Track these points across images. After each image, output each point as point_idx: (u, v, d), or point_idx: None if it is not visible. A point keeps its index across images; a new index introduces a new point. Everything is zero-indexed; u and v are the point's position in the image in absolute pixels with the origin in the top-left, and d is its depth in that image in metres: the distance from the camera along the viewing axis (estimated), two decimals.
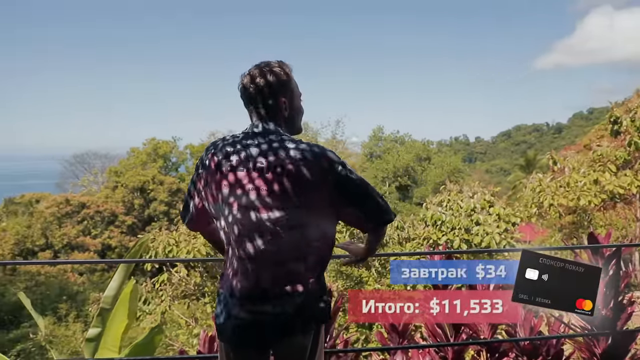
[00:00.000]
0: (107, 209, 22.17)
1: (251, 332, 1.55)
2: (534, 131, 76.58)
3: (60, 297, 14.54)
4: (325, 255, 1.60)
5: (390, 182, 30.06)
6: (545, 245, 11.27)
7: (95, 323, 3.51)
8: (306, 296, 1.53)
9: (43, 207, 21.20)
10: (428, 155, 32.53)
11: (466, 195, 9.18)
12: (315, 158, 1.52)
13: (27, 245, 18.56)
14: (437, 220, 8.86)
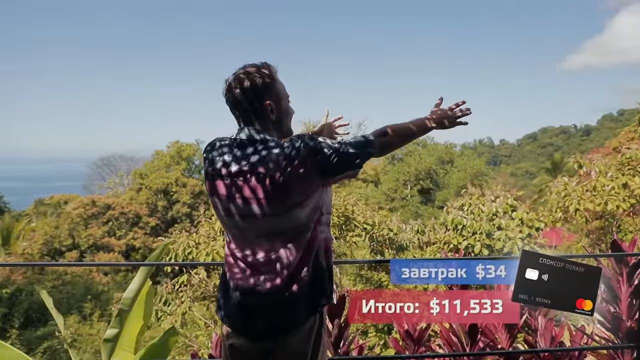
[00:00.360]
0: (132, 211, 22.60)
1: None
2: (561, 133, 74.78)
3: (85, 297, 14.89)
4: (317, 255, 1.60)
5: (412, 185, 29.76)
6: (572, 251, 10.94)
7: (114, 324, 3.56)
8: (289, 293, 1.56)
9: (70, 208, 21.76)
10: (451, 158, 32.08)
11: (488, 199, 8.99)
12: (296, 155, 1.49)
13: (55, 245, 19.08)
14: (457, 224, 8.70)
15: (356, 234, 8.61)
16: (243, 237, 1.57)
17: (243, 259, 1.58)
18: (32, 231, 20.91)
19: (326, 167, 1.51)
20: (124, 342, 3.81)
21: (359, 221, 8.89)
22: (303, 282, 1.57)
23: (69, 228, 19.58)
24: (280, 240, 1.54)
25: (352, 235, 8.56)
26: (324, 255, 1.65)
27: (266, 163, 1.49)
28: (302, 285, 1.56)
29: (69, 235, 19.40)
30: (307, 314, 1.60)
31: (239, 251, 1.59)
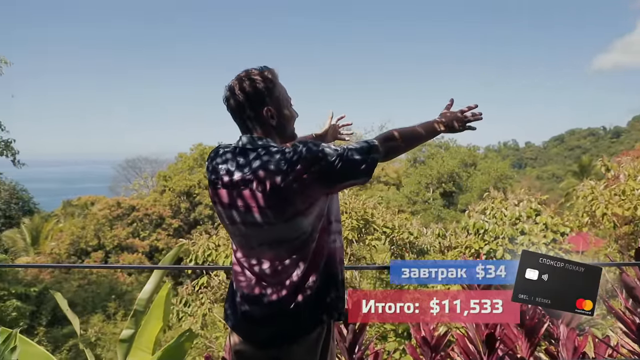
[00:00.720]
0: (155, 212, 22.98)
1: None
2: (590, 135, 72.77)
3: (110, 296, 15.21)
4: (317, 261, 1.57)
5: (434, 188, 29.41)
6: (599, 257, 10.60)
7: (129, 324, 3.60)
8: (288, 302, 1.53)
9: (96, 209, 22.27)
10: (474, 160, 31.57)
11: (511, 203, 8.80)
12: (298, 162, 1.44)
13: (81, 245, 19.57)
14: (479, 228, 8.54)
15: (375, 237, 8.55)
16: (247, 245, 1.56)
17: (249, 267, 1.57)
18: (60, 231, 21.49)
19: (330, 174, 1.46)
20: (142, 342, 3.85)
21: (378, 224, 8.82)
22: (309, 292, 1.53)
23: (95, 229, 20.05)
24: (284, 249, 1.51)
25: (371, 239, 8.50)
26: (333, 265, 1.60)
27: (267, 170, 1.45)
28: (308, 295, 1.52)
29: (95, 236, 19.86)
30: (313, 324, 1.56)
31: (244, 259, 1.58)
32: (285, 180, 1.43)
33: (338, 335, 2.97)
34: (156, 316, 3.86)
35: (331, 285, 1.58)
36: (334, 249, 1.60)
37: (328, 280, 1.57)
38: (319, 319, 1.56)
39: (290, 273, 1.51)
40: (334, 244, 1.60)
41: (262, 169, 1.46)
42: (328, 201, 1.56)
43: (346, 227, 8.36)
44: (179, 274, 17.39)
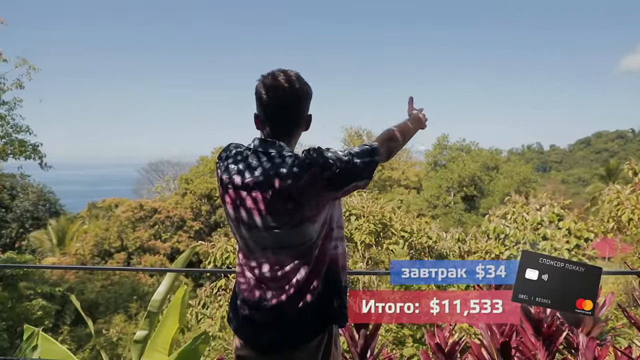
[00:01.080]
0: (177, 215, 23.31)
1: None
2: (618, 138, 70.74)
3: (131, 297, 15.46)
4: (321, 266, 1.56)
5: (455, 192, 29.05)
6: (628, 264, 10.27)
7: (143, 326, 3.66)
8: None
9: (120, 211, 22.70)
10: (496, 164, 31.06)
11: (533, 208, 8.61)
12: (309, 169, 1.44)
13: (105, 246, 19.98)
14: (500, 233, 8.39)
15: (393, 241, 8.48)
16: (251, 248, 1.55)
17: (250, 270, 1.56)
18: (85, 233, 21.99)
19: (338, 179, 1.47)
20: (159, 343, 3.90)
21: (396, 228, 8.74)
22: (311, 298, 1.52)
23: (118, 230, 20.44)
24: (288, 255, 1.50)
25: (388, 243, 8.44)
26: (335, 271, 1.59)
27: (279, 174, 1.45)
28: (309, 301, 1.51)
29: (118, 237, 20.25)
30: (315, 331, 1.55)
31: (247, 263, 1.58)
32: (297, 186, 1.43)
33: (349, 339, 2.95)
34: (172, 317, 3.91)
35: (333, 291, 1.57)
36: (335, 255, 1.59)
37: (330, 286, 1.56)
38: (321, 325, 1.56)
39: (291, 278, 1.51)
40: (335, 250, 1.59)
41: (274, 173, 1.45)
42: (331, 207, 1.55)
43: (363, 231, 8.32)
44: (199, 276, 17.58)
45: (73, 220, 23.95)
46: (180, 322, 3.97)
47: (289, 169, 1.44)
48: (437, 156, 33.66)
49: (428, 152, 34.31)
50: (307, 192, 1.43)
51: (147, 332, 3.59)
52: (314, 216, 1.47)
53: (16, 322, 10.10)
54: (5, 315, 10.29)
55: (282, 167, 1.45)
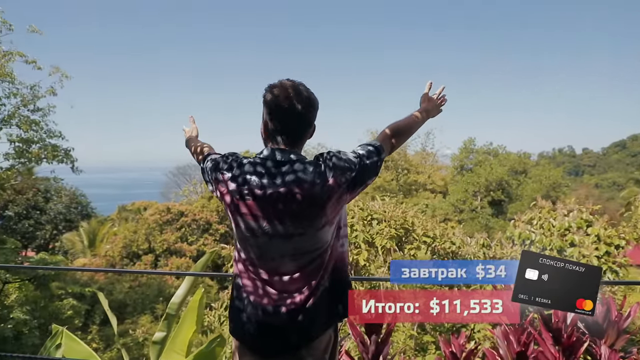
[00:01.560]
0: (203, 218, 23.66)
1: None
2: None
3: (158, 298, 15.78)
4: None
5: (482, 196, 28.49)
6: None
7: (161, 327, 3.73)
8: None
9: (148, 214, 23.22)
10: (524, 168, 30.31)
11: (560, 213, 8.37)
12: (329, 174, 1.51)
13: (133, 248, 20.45)
14: (525, 239, 8.18)
15: (415, 246, 8.38)
16: (265, 256, 1.56)
17: (262, 278, 1.57)
18: (115, 235, 22.59)
19: (355, 181, 1.54)
20: (177, 344, 3.97)
21: (418, 233, 8.64)
22: (321, 298, 1.56)
23: (146, 233, 20.89)
24: (305, 260, 1.54)
25: (410, 248, 8.35)
26: (342, 269, 1.65)
27: (302, 182, 1.49)
28: (319, 302, 1.56)
29: (146, 240, 20.69)
30: (322, 329, 1.59)
31: (256, 270, 1.58)
32: (321, 191, 1.48)
33: (361, 345, 2.94)
34: (190, 320, 3.98)
35: (340, 288, 1.62)
36: (342, 253, 1.64)
37: (337, 283, 1.62)
38: (330, 322, 1.61)
39: (307, 282, 1.55)
40: (342, 248, 1.65)
41: (298, 181, 1.49)
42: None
43: (384, 235, 8.27)
44: (223, 278, 17.80)
45: (103, 222, 24.65)
46: (197, 325, 4.03)
47: (311, 176, 1.49)
48: (464, 160, 33.11)
49: (454, 155, 33.82)
50: (331, 196, 1.49)
51: (165, 334, 3.66)
52: (333, 218, 1.54)
53: (47, 321, 10.44)
54: (38, 314, 10.66)
55: (304, 174, 1.49)
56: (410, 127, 1.81)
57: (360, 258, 7.73)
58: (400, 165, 29.09)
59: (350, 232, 8.38)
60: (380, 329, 2.95)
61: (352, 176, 1.52)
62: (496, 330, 3.17)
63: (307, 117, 1.58)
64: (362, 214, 8.81)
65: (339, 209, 1.55)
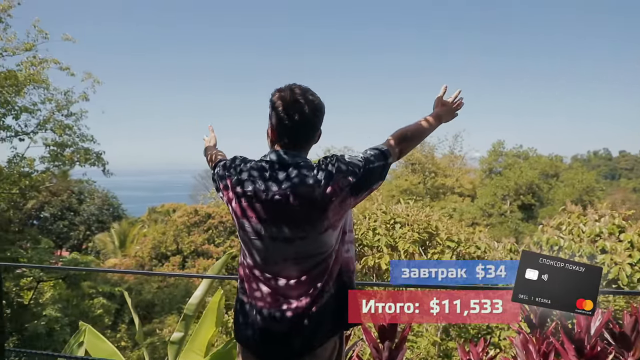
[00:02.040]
0: (229, 220, 23.94)
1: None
2: None
3: (185, 299, 16.05)
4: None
5: (512, 200, 27.81)
6: None
7: (179, 328, 3.80)
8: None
9: (176, 216, 23.69)
10: (556, 171, 29.44)
11: (591, 218, 8.08)
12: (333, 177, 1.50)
13: (162, 250, 20.89)
14: (553, 245, 7.94)
15: (438, 250, 8.25)
16: (269, 260, 1.56)
17: (266, 282, 1.57)
18: (144, 236, 23.14)
19: (359, 185, 1.52)
20: (196, 345, 4.04)
21: (441, 238, 8.51)
22: (326, 304, 1.55)
23: (174, 234, 21.31)
24: (308, 264, 1.54)
25: (433, 252, 8.23)
26: (347, 274, 1.63)
27: (306, 185, 1.49)
28: (324, 308, 1.55)
29: (174, 241, 21.11)
30: (327, 336, 1.58)
31: (262, 274, 1.58)
32: (325, 194, 1.48)
33: (374, 350, 2.91)
34: (209, 321, 4.03)
35: (346, 295, 1.60)
36: (347, 259, 1.63)
37: (342, 290, 1.60)
38: (336, 329, 1.60)
39: (311, 286, 1.54)
40: (347, 254, 1.63)
41: (301, 184, 1.49)
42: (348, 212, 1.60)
43: (407, 239, 8.17)
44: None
45: (134, 223, 25.30)
46: (217, 326, 4.09)
47: (315, 179, 1.49)
48: (493, 163, 32.44)
49: (483, 158, 33.17)
50: (334, 199, 1.48)
51: (182, 334, 3.73)
52: (336, 222, 1.53)
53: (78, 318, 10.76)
54: (69, 311, 11.02)
55: (306, 177, 1.50)
56: (421, 133, 1.77)
57: (382, 262, 7.66)
58: (427, 168, 28.73)
59: (372, 236, 8.31)
60: (395, 334, 2.92)
61: (356, 180, 1.51)
62: (515, 339, 3.09)
63: (312, 121, 1.58)
64: (385, 218, 8.74)
65: (343, 212, 1.53)
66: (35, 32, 11.49)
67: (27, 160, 11.95)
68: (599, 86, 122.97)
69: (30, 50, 11.42)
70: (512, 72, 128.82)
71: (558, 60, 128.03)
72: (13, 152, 11.90)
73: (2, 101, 11.17)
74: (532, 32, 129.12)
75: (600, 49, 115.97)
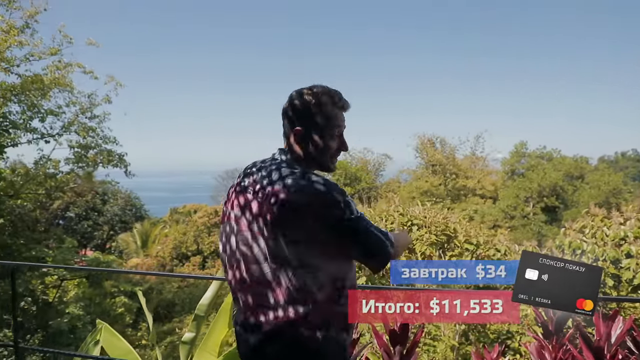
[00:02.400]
0: None
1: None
2: None
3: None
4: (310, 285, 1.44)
5: (535, 202, 27.23)
6: None
7: (190, 328, 3.83)
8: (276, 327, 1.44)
9: (197, 217, 24.01)
10: (581, 173, 28.70)
11: (616, 222, 7.86)
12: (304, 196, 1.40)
13: (182, 250, 21.21)
14: (576, 248, 7.74)
15: (456, 253, 8.14)
16: (244, 266, 1.47)
17: (242, 290, 1.49)
18: (166, 236, 23.52)
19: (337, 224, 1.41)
20: (209, 345, 4.07)
21: (460, 240, 8.38)
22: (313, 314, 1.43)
23: (195, 235, 21.61)
24: (290, 271, 1.42)
25: (451, 255, 8.11)
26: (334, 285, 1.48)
27: (273, 188, 1.42)
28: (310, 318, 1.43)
29: (194, 242, 21.41)
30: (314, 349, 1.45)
31: (238, 282, 1.50)
32: (284, 205, 1.39)
33: (386, 355, 2.88)
34: (222, 321, 4.06)
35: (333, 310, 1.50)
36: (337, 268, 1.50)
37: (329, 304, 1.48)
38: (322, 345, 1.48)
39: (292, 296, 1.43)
40: (335, 264, 1.50)
41: (269, 186, 1.44)
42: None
43: (424, 242, 8.08)
44: None
45: (156, 224, 25.73)
46: (230, 326, 4.12)
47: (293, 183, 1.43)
48: (515, 164, 31.84)
49: (505, 160, 32.58)
50: (293, 214, 1.39)
51: (194, 334, 3.76)
52: (315, 233, 1.41)
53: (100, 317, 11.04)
54: (91, 309, 11.27)
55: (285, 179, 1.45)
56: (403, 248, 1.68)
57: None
58: (448, 170, 28.38)
59: None
60: (406, 339, 2.88)
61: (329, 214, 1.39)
62: (530, 345, 3.02)
63: (287, 114, 1.57)
64: (402, 220, 8.67)
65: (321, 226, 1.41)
66: (61, 37, 11.81)
67: (52, 162, 12.27)
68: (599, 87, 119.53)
69: (56, 54, 11.73)
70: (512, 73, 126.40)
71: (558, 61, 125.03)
72: (39, 153, 12.25)
73: (29, 104, 11.51)
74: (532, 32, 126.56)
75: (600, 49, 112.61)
